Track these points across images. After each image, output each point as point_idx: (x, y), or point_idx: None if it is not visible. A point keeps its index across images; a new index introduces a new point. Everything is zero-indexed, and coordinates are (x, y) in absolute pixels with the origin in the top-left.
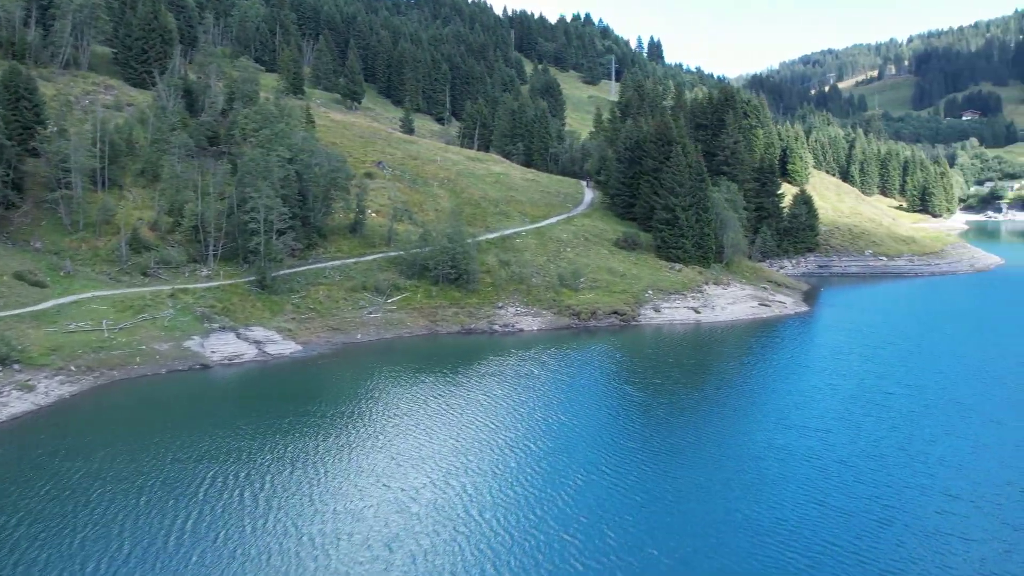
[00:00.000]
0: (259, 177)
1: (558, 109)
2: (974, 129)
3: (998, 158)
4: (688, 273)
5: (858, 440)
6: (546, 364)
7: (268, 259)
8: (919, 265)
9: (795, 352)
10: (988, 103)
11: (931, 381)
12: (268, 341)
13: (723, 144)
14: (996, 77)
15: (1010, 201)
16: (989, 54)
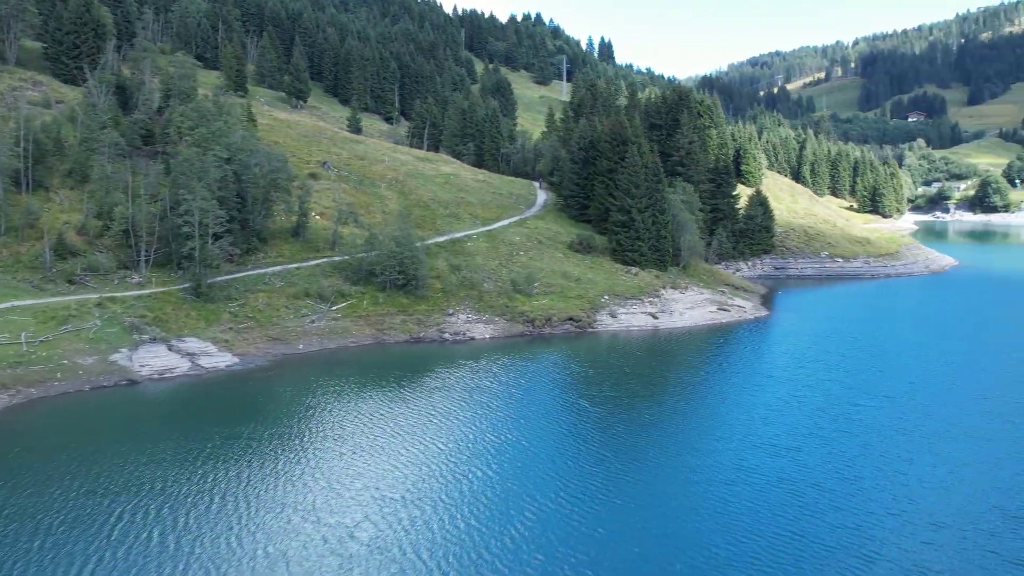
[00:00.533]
0: (194, 178)
1: (509, 109)
2: (920, 130)
3: (944, 159)
4: (645, 277)
5: (831, 460)
6: (498, 376)
7: (203, 265)
8: (875, 267)
9: (758, 360)
10: (933, 105)
11: (900, 391)
12: (202, 353)
13: (678, 144)
14: (940, 79)
15: (957, 201)
16: (932, 57)
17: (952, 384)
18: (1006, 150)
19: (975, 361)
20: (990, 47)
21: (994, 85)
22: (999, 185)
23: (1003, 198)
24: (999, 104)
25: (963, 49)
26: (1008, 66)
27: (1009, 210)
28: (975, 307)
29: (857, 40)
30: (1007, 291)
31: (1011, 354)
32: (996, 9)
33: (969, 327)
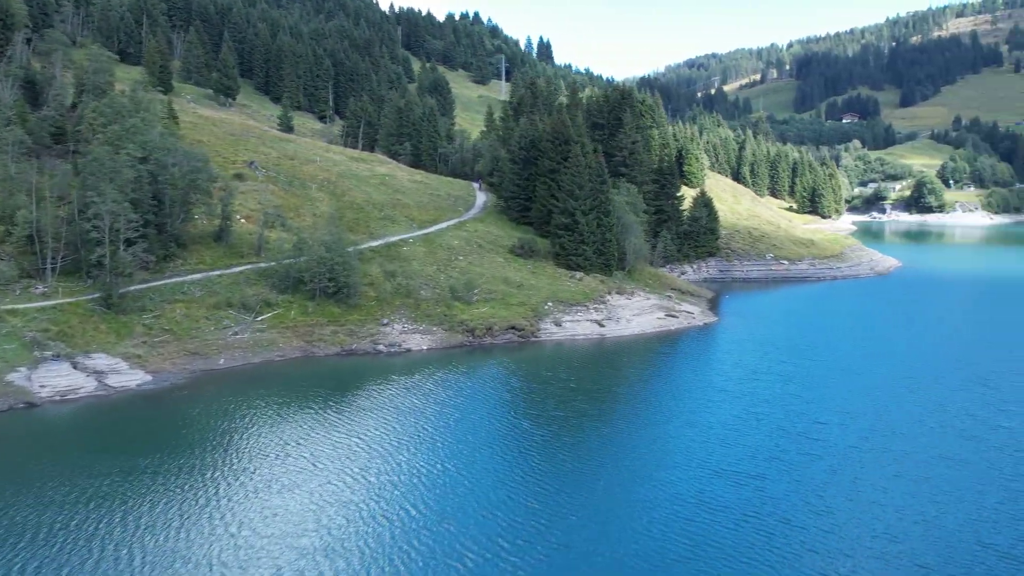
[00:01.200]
0: (104, 179)
1: (447, 108)
2: (855, 131)
3: (880, 160)
4: (590, 282)
5: (799, 489)
6: (434, 394)
7: (115, 273)
8: (821, 269)
9: (710, 372)
10: (867, 106)
11: (862, 406)
12: (111, 371)
13: (621, 144)
14: (872, 82)
15: (893, 202)
16: (865, 59)
17: (914, 395)
18: (938, 151)
19: (933, 368)
20: (920, 50)
21: (925, 88)
22: (934, 186)
23: (938, 199)
24: (930, 106)
25: (894, 52)
26: (938, 69)
27: (944, 210)
28: (924, 310)
29: (791, 43)
30: (952, 293)
31: (967, 359)
32: (925, 14)
33: (921, 331)
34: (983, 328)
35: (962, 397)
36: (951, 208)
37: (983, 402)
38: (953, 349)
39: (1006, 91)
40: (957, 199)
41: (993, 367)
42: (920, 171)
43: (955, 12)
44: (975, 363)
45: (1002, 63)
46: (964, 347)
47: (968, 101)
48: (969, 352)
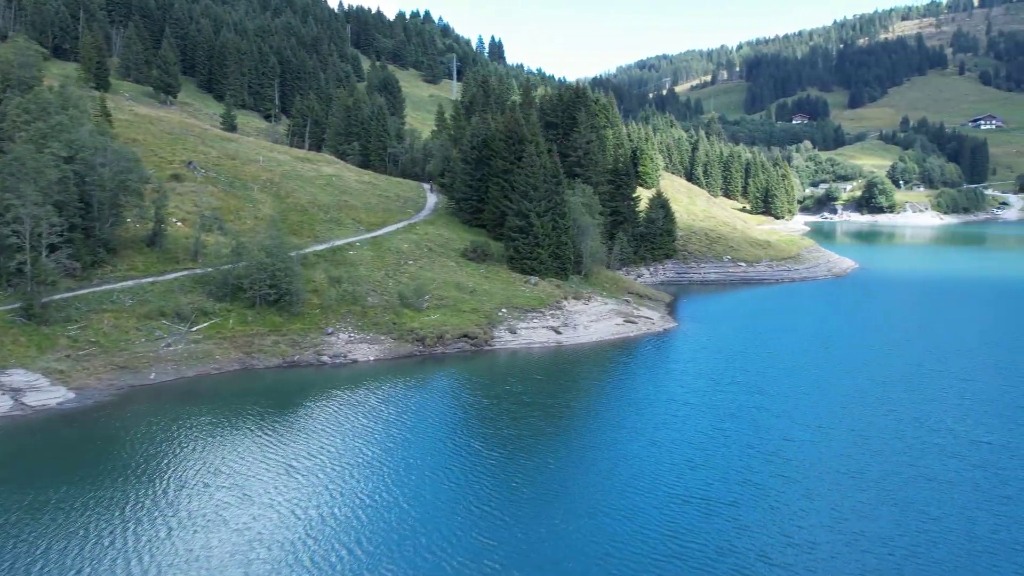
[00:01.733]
0: (26, 180)
1: (397, 107)
2: (805, 132)
3: (831, 160)
4: (545, 287)
5: (775, 518)
6: (380, 410)
7: (36, 282)
8: (778, 271)
9: (672, 384)
10: (816, 107)
11: (833, 419)
12: (30, 388)
13: (575, 144)
14: (821, 83)
15: (844, 202)
16: (814, 61)
17: (887, 407)
18: (887, 152)
19: (904, 376)
20: (867, 52)
21: (872, 89)
22: (885, 186)
23: (888, 199)
24: (878, 107)
25: (842, 54)
26: (885, 71)
27: (894, 211)
28: (886, 313)
29: (741, 44)
30: (911, 295)
31: (937, 367)
32: (871, 16)
33: (886, 336)
34: (949, 332)
35: (937, 409)
36: (901, 208)
37: (960, 414)
38: (922, 355)
39: (951, 92)
40: (907, 199)
41: (965, 375)
42: (870, 171)
43: (900, 15)
44: (946, 371)
45: (947, 65)
46: (933, 353)
47: (914, 102)
48: (939, 358)
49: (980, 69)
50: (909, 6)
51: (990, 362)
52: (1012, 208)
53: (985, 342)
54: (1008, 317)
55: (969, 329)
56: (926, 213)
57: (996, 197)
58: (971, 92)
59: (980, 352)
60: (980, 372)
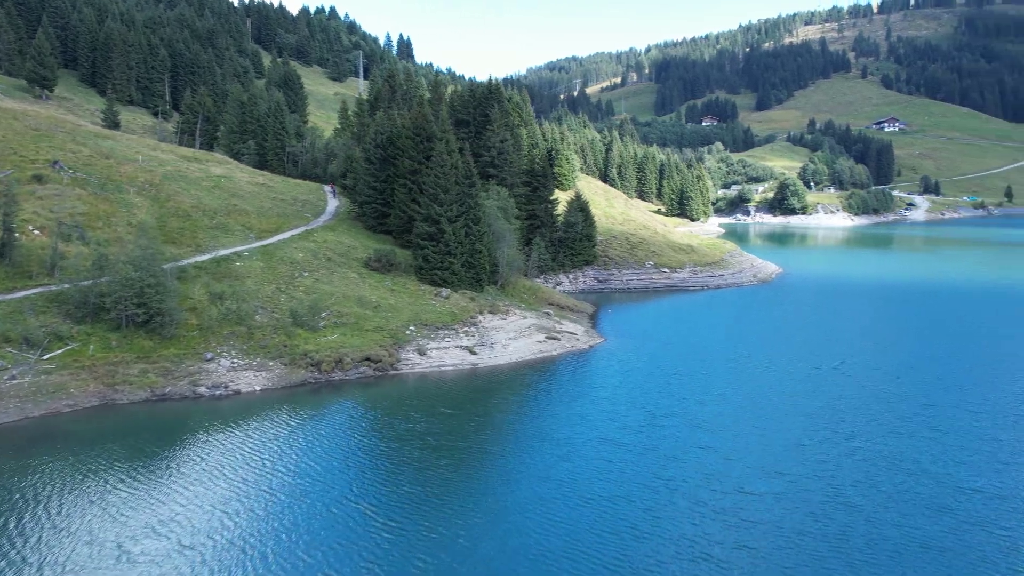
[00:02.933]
0: None
1: (299, 104)
2: (716, 134)
3: (742, 162)
4: (458, 300)
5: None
6: (260, 457)
7: None
8: (703, 277)
9: (604, 419)
10: (725, 110)
11: (794, 463)
12: None
13: (489, 143)
14: (729, 86)
15: (757, 204)
16: (721, 64)
17: (853, 444)
18: (796, 153)
19: (859, 403)
20: (773, 56)
21: (779, 92)
22: (797, 188)
23: (801, 200)
24: (785, 110)
25: (749, 57)
26: (791, 74)
27: (807, 212)
28: (821, 324)
29: (649, 47)
30: (841, 301)
31: (899, 391)
32: (776, 21)
33: (831, 351)
34: (895, 343)
35: (911, 447)
36: (813, 210)
37: (937, 454)
38: (878, 376)
39: (854, 96)
40: (819, 201)
41: (931, 401)
42: (782, 173)
43: (804, 20)
44: (907, 395)
45: (850, 69)
46: (890, 372)
47: (820, 105)
48: (898, 379)
49: (882, 73)
50: (812, 11)
51: (953, 381)
52: (919, 209)
53: (936, 355)
54: (941, 322)
55: (917, 340)
56: (838, 214)
57: (903, 198)
58: (874, 95)
59: (941, 370)
60: (945, 394)
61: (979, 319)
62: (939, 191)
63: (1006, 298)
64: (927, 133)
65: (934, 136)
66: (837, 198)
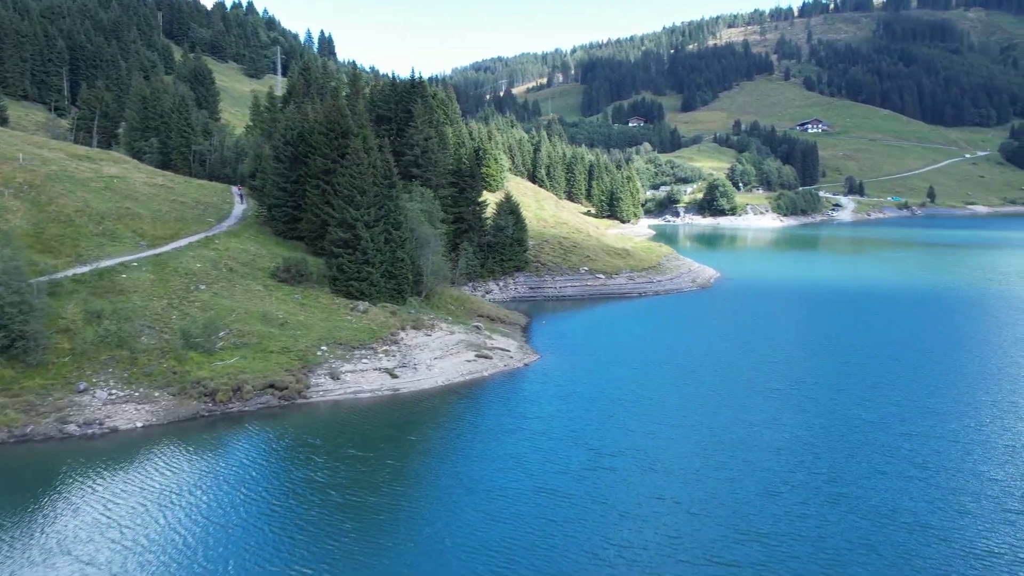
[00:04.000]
0: None
1: (210, 101)
2: (643, 135)
3: (670, 162)
4: (377, 315)
5: None
6: (134, 519)
7: None
8: (640, 283)
9: (543, 461)
10: (652, 110)
11: (764, 515)
12: None
13: (412, 140)
14: (655, 87)
15: (686, 205)
16: (647, 65)
17: (837, 489)
18: (723, 154)
19: (824, 428)
20: (698, 57)
21: (704, 93)
22: (726, 189)
23: (730, 201)
24: (710, 111)
25: (674, 59)
26: (716, 75)
27: (736, 213)
28: (768, 335)
29: (575, 48)
30: (784, 307)
31: (862, 417)
32: (700, 23)
33: (784, 365)
34: (859, 358)
35: (901, 493)
36: (743, 211)
37: (934, 500)
38: (845, 399)
39: (778, 97)
40: (748, 202)
41: (910, 429)
42: (710, 173)
43: (727, 23)
44: (886, 423)
45: (773, 71)
46: (856, 394)
47: (744, 106)
48: (867, 402)
49: (804, 75)
50: (735, 14)
51: (928, 402)
52: (845, 210)
53: (901, 369)
54: (895, 330)
55: (874, 350)
56: (767, 215)
57: (829, 199)
58: (797, 97)
59: (907, 383)
60: (923, 419)
61: (933, 327)
62: (863, 192)
63: (956, 303)
64: (850, 134)
65: (856, 137)
66: (766, 199)
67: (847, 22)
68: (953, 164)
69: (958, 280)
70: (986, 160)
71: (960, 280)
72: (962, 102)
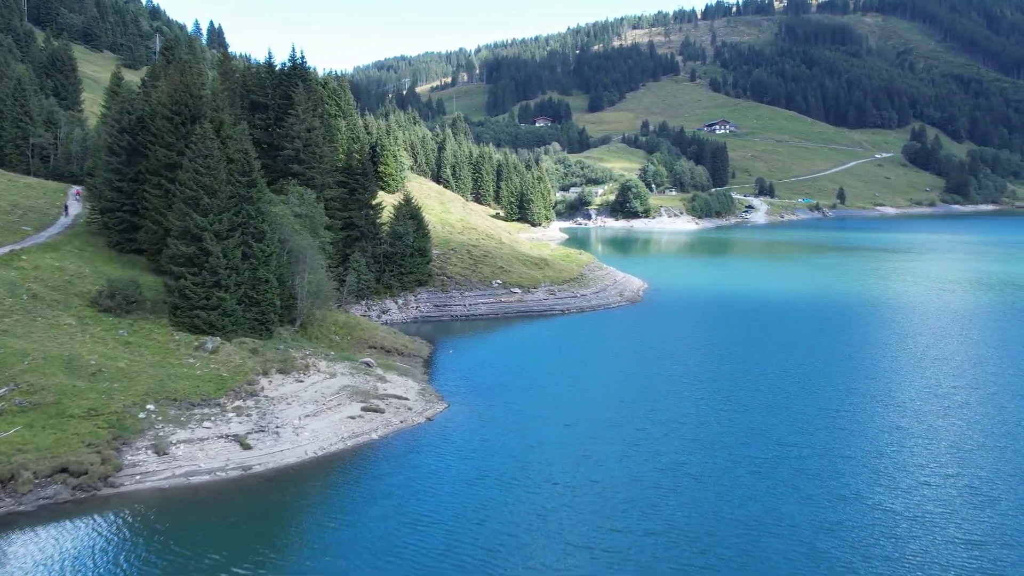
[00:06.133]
0: None
1: (70, 91)
2: (551, 135)
3: (580, 163)
4: (232, 355)
5: None
6: None
7: None
8: (563, 299)
9: (456, 563)
10: (559, 111)
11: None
12: None
13: (292, 132)
14: (562, 87)
15: (598, 207)
16: (553, 65)
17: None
18: (633, 155)
19: (796, 480)
20: (604, 57)
21: (611, 93)
22: (639, 190)
23: (643, 203)
24: (617, 112)
25: (580, 59)
26: (622, 75)
27: (650, 215)
28: (717, 360)
29: (480, 47)
30: (726, 325)
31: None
32: (605, 24)
33: (744, 408)
34: (824, 387)
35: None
36: (656, 213)
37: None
38: (827, 459)
39: (684, 98)
40: (662, 203)
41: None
42: (621, 174)
43: (631, 24)
44: (899, 510)
45: (679, 72)
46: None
47: (651, 107)
48: (849, 479)
49: (709, 76)
50: (639, 16)
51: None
52: (758, 211)
53: (867, 396)
54: (848, 347)
55: (837, 375)
56: (682, 217)
57: (742, 201)
58: (703, 98)
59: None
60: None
61: (878, 340)
62: (774, 193)
63: (902, 313)
64: (757, 136)
65: (764, 139)
66: (680, 201)
67: (750, 25)
68: (859, 165)
69: (908, 290)
70: (890, 162)
71: (910, 290)
72: (864, 104)
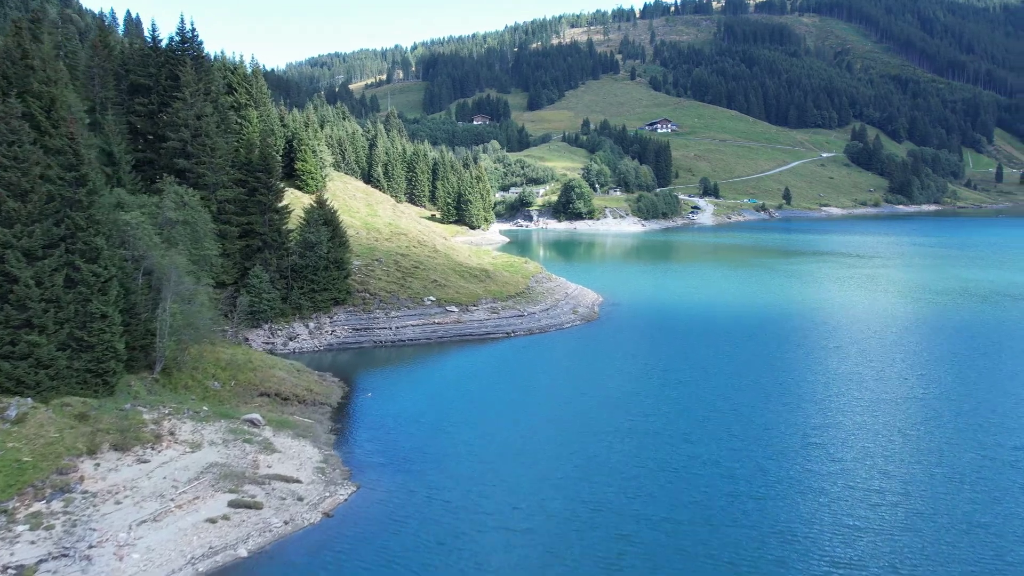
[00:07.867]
0: None
1: None
2: (489, 133)
3: (520, 162)
4: (45, 426)
5: None
6: None
7: None
8: (508, 318)
9: None
10: (497, 108)
11: None
12: None
13: (178, 119)
14: (500, 85)
15: (540, 208)
16: (491, 63)
17: None
18: (575, 154)
19: None
20: (543, 55)
21: (550, 91)
22: (582, 190)
23: (587, 204)
24: (556, 110)
25: (518, 57)
26: (561, 73)
27: (594, 216)
28: (698, 399)
29: (416, 45)
30: (697, 348)
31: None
32: (543, 22)
33: (741, 474)
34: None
35: None
36: (601, 214)
37: None
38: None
39: (625, 97)
40: (606, 204)
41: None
42: (563, 174)
43: (570, 22)
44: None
45: (619, 70)
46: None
47: (592, 105)
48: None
49: (650, 75)
50: (577, 14)
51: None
52: (705, 212)
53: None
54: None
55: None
56: (627, 219)
57: (688, 201)
58: (644, 97)
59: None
60: None
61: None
62: (718, 194)
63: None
64: (699, 135)
65: (706, 138)
66: (625, 201)
67: (688, 24)
68: (803, 165)
69: (893, 302)
70: (833, 162)
71: (895, 303)
72: (805, 104)
